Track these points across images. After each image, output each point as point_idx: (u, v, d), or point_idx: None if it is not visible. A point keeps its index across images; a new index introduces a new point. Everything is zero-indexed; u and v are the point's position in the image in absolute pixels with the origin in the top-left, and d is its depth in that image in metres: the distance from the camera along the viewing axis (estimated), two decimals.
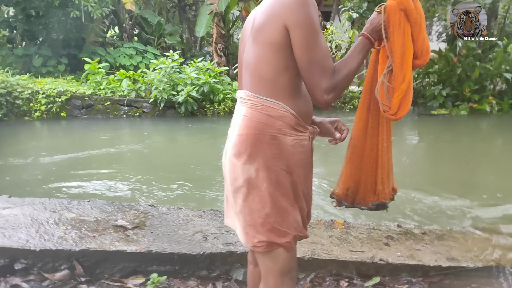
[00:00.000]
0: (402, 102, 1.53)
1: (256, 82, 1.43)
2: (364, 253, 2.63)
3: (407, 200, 4.09)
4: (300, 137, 1.47)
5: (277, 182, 1.42)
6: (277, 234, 1.43)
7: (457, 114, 8.31)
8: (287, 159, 1.44)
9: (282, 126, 1.42)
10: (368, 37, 1.54)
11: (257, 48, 1.42)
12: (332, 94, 1.41)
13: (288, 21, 1.36)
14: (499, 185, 4.56)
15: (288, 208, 1.45)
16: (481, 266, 2.63)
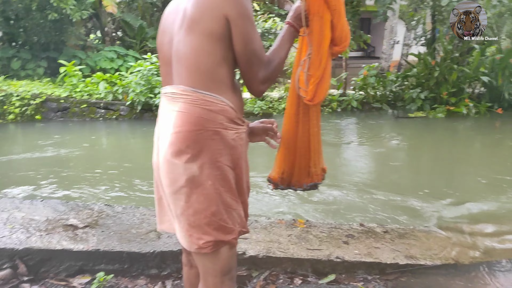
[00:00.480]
0: (318, 88, 1.55)
1: (194, 76, 1.37)
2: (321, 251, 2.60)
3: (377, 200, 4.09)
4: (240, 130, 1.44)
5: (223, 178, 1.38)
6: (224, 232, 1.39)
7: (434, 116, 8.37)
8: (230, 153, 1.40)
9: (223, 121, 1.38)
10: (292, 24, 1.55)
11: (194, 39, 1.35)
12: (266, 84, 1.43)
13: (229, 12, 1.33)
14: (469, 185, 4.59)
15: (232, 204, 1.41)
16: (439, 264, 2.62)
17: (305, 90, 1.59)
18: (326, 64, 1.57)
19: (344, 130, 7.55)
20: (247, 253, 2.44)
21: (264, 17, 8.56)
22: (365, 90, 9.32)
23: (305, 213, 3.76)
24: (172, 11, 1.46)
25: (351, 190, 4.39)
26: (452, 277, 2.53)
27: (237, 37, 1.35)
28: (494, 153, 6.22)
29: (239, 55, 1.37)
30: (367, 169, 5.26)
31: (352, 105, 9.05)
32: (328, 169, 1.89)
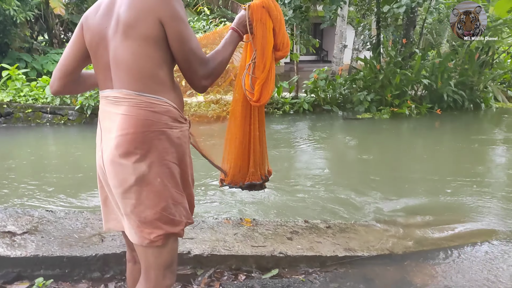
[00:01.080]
0: (263, 89, 1.67)
1: (136, 79, 1.41)
2: (265, 247, 2.70)
3: (324, 197, 4.24)
4: (183, 128, 1.52)
5: (170, 175, 1.45)
6: (173, 224, 1.47)
7: (380, 117, 8.75)
8: (175, 151, 1.47)
9: (168, 121, 1.45)
10: (236, 30, 1.67)
11: (132, 44, 1.39)
12: (209, 80, 1.51)
13: (162, 15, 1.38)
14: (408, 181, 4.85)
15: (179, 198, 1.49)
16: (375, 254, 2.79)
17: (251, 92, 1.72)
18: (270, 67, 1.71)
19: (296, 132, 7.73)
20: (192, 252, 2.49)
21: (215, 21, 8.62)
22: (316, 93, 9.58)
23: (255, 212, 3.84)
24: (102, 15, 1.48)
25: (301, 188, 4.53)
26: (386, 266, 2.69)
27: (172, 39, 1.41)
28: (433, 151, 6.59)
29: (177, 55, 1.44)
30: (316, 168, 5.42)
31: (304, 107, 9.27)
32: (280, 169, 2.02)
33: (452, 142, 7.21)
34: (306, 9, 8.47)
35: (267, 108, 9.18)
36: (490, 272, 2.68)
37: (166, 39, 1.41)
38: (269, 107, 9.20)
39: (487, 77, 10.20)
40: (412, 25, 9.78)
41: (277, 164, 5.48)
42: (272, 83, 1.70)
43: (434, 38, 11.65)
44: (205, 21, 9.05)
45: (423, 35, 11.24)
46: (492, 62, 10.96)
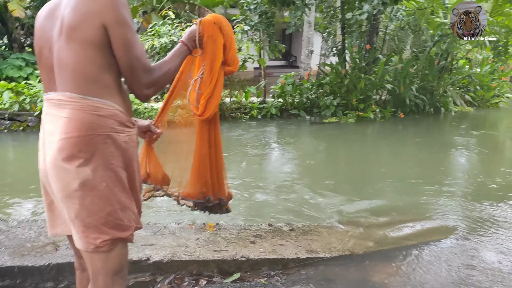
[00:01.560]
0: (207, 103, 1.69)
1: (80, 82, 1.39)
2: (227, 251, 2.68)
3: (290, 199, 4.25)
4: (131, 133, 1.49)
5: (116, 179, 1.43)
6: (120, 229, 1.44)
7: (346, 122, 8.89)
8: (122, 155, 1.45)
9: (114, 124, 1.42)
10: (186, 43, 1.67)
11: (75, 47, 1.37)
12: (152, 89, 1.48)
13: (106, 20, 1.36)
14: (372, 183, 4.94)
15: (127, 203, 1.47)
16: (336, 255, 2.82)
17: (196, 106, 1.73)
18: (217, 82, 1.73)
19: (263, 136, 7.76)
20: (151, 258, 2.44)
21: (181, 26, 8.56)
22: (283, 97, 9.65)
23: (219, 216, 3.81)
24: (48, 17, 1.45)
25: (267, 192, 4.53)
26: (347, 267, 2.73)
27: (116, 44, 1.38)
28: (396, 153, 6.76)
29: (120, 61, 1.41)
30: (283, 172, 5.45)
31: (272, 112, 9.32)
32: (247, 173, 2.01)
33: (415, 145, 7.41)
34: (271, 14, 8.54)
35: (234, 113, 9.18)
36: (449, 268, 2.76)
37: (110, 44, 1.38)
38: (237, 112, 9.21)
39: (446, 82, 10.57)
40: (375, 31, 10.02)
41: (244, 168, 5.48)
42: (217, 97, 1.72)
43: (397, 44, 11.98)
44: (170, 25, 8.98)
45: (386, 41, 11.55)
46: (451, 68, 11.37)
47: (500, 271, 2.75)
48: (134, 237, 1.52)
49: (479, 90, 11.44)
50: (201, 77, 1.72)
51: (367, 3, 7.76)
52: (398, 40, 11.85)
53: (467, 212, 3.87)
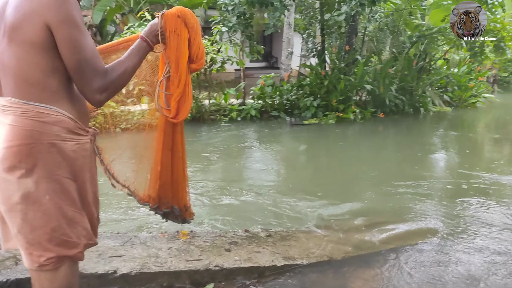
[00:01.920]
0: (180, 105, 1.57)
1: (22, 87, 1.29)
2: (201, 261, 2.57)
3: (269, 204, 4.17)
4: (82, 141, 1.38)
5: (62, 191, 1.32)
6: (67, 247, 1.33)
7: (326, 123, 8.87)
8: (70, 165, 1.34)
9: (60, 132, 1.31)
10: (146, 39, 1.53)
11: (17, 49, 1.27)
12: (105, 94, 1.37)
13: (50, 19, 1.26)
14: (351, 185, 4.90)
15: (76, 217, 1.35)
16: (314, 262, 2.73)
17: (167, 108, 1.60)
18: (186, 80, 1.59)
19: (243, 139, 7.66)
20: (118, 271, 2.31)
21: None
22: (263, 99, 9.58)
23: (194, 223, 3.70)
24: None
25: (245, 196, 4.43)
26: (326, 273, 2.65)
27: (62, 45, 1.29)
28: (376, 154, 6.75)
29: (67, 64, 1.31)
30: (262, 174, 5.36)
31: (251, 114, 9.23)
32: (225, 176, 1.90)
33: (394, 145, 7.42)
34: (250, 15, 8.46)
35: (214, 115, 9.06)
36: (429, 271, 2.71)
37: (55, 45, 1.28)
38: (216, 114, 9.10)
39: (425, 82, 10.66)
40: (354, 32, 10.04)
41: (223, 172, 5.37)
42: (190, 97, 1.59)
43: (376, 45, 12.04)
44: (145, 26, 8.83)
45: (365, 42, 11.59)
46: (429, 68, 11.48)
47: (478, 271, 2.71)
48: (103, 248, 1.42)
49: (457, 90, 11.58)
50: (167, 76, 1.58)
51: (346, 5, 7.75)
52: (377, 41, 11.91)
53: (445, 214, 3.85)
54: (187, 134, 1.71)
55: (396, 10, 10.37)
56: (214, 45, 8.53)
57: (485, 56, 10.84)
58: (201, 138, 7.52)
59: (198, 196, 4.31)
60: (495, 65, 14.28)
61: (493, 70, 15.19)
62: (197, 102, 8.62)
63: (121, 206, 3.98)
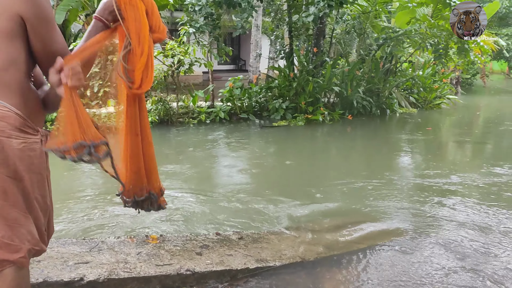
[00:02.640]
0: (144, 76, 1.49)
1: None
2: (171, 265, 2.50)
3: (240, 207, 4.12)
4: (30, 140, 1.30)
5: (4, 191, 1.24)
6: (8, 250, 1.25)
7: (295, 124, 8.92)
8: (14, 164, 1.25)
9: (5, 128, 1.24)
10: (101, 19, 1.46)
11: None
12: None
13: (25, 11, 1.24)
14: (322, 186, 4.92)
15: (19, 219, 1.27)
16: (287, 263, 2.71)
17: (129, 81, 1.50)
18: (149, 52, 1.52)
19: (212, 141, 7.59)
20: (85, 278, 2.21)
21: None
22: (232, 101, 9.54)
23: (164, 226, 3.61)
24: None
25: (215, 199, 4.37)
26: (298, 274, 2.63)
27: (34, 39, 1.28)
28: (345, 155, 6.83)
29: (39, 57, 1.31)
30: (232, 177, 5.31)
31: (220, 116, 9.17)
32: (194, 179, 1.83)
33: (362, 147, 7.53)
34: (217, 16, 8.41)
35: (182, 117, 8.94)
36: (400, 269, 2.74)
37: (23, 38, 1.27)
38: (184, 116, 8.99)
39: (391, 84, 10.90)
40: (322, 35, 10.15)
41: (192, 175, 5.29)
42: (152, 68, 1.52)
43: (343, 47, 12.24)
44: None
45: (332, 44, 11.75)
46: (395, 70, 11.76)
47: (445, 267, 2.76)
48: (68, 254, 1.34)
49: (422, 91, 11.91)
50: (128, 49, 1.50)
51: (313, 6, 7.82)
52: (344, 43, 12.10)
53: (412, 213, 3.91)
54: (155, 137, 1.64)
55: (362, 13, 10.57)
56: (182, 47, 8.42)
57: (449, 58, 11.19)
58: (170, 141, 7.40)
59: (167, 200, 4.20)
60: (458, 67, 14.78)
61: (456, 72, 15.73)
62: (165, 105, 8.48)
63: (85, 211, 3.84)
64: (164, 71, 8.45)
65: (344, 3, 7.99)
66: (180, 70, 8.60)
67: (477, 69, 18.11)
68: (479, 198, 4.34)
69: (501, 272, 2.74)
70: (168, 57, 8.29)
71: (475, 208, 4.00)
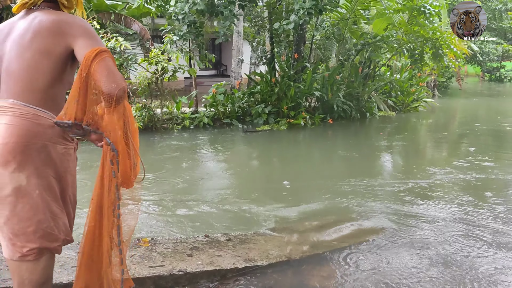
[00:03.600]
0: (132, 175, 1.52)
1: (26, 92, 1.43)
2: (164, 267, 2.61)
3: (227, 209, 4.24)
4: (68, 147, 1.54)
5: (49, 188, 1.45)
6: (49, 239, 1.45)
7: (278, 129, 9.09)
8: (56, 166, 1.48)
9: (53, 135, 1.46)
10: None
11: (30, 57, 1.43)
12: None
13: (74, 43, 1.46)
14: (305, 188, 5.08)
15: (58, 213, 1.49)
16: (274, 262, 2.85)
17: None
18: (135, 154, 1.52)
19: (197, 146, 7.69)
20: None
21: (107, 36, 8.27)
22: (215, 107, 9.66)
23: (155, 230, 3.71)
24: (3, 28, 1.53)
25: (203, 202, 4.48)
26: (285, 273, 2.77)
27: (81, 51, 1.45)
28: (327, 158, 7.02)
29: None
30: (218, 181, 5.43)
31: (204, 122, 9.27)
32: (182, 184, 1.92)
33: (344, 149, 7.73)
34: (200, 24, 8.53)
35: (166, 123, 9.02)
36: (380, 265, 2.90)
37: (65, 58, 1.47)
38: (168, 122, 9.06)
39: (370, 88, 11.19)
40: (302, 41, 10.37)
41: (178, 180, 5.38)
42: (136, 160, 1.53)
43: (323, 53, 12.49)
44: None
45: (313, 50, 11.99)
46: (374, 75, 12.06)
47: (425, 263, 2.94)
48: (65, 258, 1.53)
49: (400, 95, 12.24)
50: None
51: (294, 14, 8.02)
52: (324, 49, 12.36)
53: (392, 211, 4.10)
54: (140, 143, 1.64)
55: (341, 19, 10.83)
56: (165, 54, 8.51)
57: (424, 62, 11.55)
58: (154, 147, 7.47)
59: (154, 206, 4.32)
60: (434, 71, 15.22)
61: (433, 76, 16.19)
62: (149, 111, 8.55)
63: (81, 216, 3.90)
64: (148, 78, 8.52)
65: (323, 10, 8.21)
66: (164, 77, 8.68)
67: (452, 72, 18.64)
68: (456, 198, 4.57)
69: (476, 272, 2.93)
70: (152, 64, 8.36)
71: (453, 207, 4.22)
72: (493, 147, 7.76)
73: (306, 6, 7.66)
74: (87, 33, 1.46)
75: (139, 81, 8.58)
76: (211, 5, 7.98)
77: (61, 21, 1.46)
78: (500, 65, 26.03)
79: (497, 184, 5.14)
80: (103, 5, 10.91)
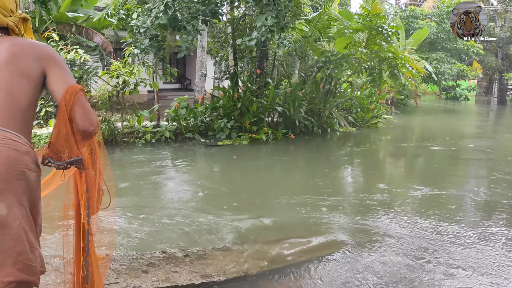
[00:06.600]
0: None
1: (5, 113, 1.40)
2: (117, 284, 2.55)
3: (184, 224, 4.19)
4: (40, 174, 1.50)
5: (27, 217, 1.40)
6: (29, 272, 1.38)
7: (240, 144, 9.12)
8: (31, 194, 1.43)
9: (29, 162, 1.42)
10: None
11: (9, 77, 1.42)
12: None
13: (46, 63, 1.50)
14: (265, 201, 5.11)
15: (35, 244, 1.42)
16: (231, 278, 2.84)
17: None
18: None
19: (158, 160, 7.58)
20: None
21: (67, 48, 8.09)
22: (178, 121, 9.58)
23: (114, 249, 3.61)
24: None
25: (162, 218, 4.40)
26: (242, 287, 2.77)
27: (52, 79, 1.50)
28: (288, 173, 7.09)
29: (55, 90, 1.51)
30: (178, 196, 5.37)
31: (166, 136, 9.17)
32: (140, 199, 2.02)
33: (305, 164, 7.85)
34: (162, 38, 8.50)
35: (127, 137, 8.86)
36: (339, 280, 2.94)
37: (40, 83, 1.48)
38: (129, 136, 8.90)
39: (331, 104, 11.44)
40: (265, 57, 10.53)
41: (138, 195, 5.28)
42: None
43: (285, 69, 12.71)
44: (54, 47, 8.44)
45: (275, 66, 12.17)
46: (335, 91, 12.37)
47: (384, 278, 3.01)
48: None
49: (360, 112, 12.59)
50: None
51: (256, 30, 8.14)
52: (286, 65, 12.58)
53: (351, 226, 4.19)
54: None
55: (303, 37, 11.08)
56: (127, 67, 8.40)
57: (382, 80, 11.96)
58: (114, 161, 7.30)
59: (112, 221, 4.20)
60: (392, 89, 15.78)
61: (391, 93, 16.78)
62: (110, 125, 8.38)
63: None
64: (108, 91, 8.37)
65: (285, 28, 8.38)
66: (125, 90, 8.56)
67: (408, 91, 19.38)
68: (414, 210, 4.72)
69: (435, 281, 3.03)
70: (113, 77, 8.23)
71: (411, 220, 4.35)
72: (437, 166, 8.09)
73: (268, 24, 7.80)
74: (58, 63, 1.53)
75: (100, 94, 8.41)
76: (174, 20, 7.98)
77: (36, 47, 1.51)
78: (455, 84, 27.35)
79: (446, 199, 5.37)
80: (64, 17, 10.68)
